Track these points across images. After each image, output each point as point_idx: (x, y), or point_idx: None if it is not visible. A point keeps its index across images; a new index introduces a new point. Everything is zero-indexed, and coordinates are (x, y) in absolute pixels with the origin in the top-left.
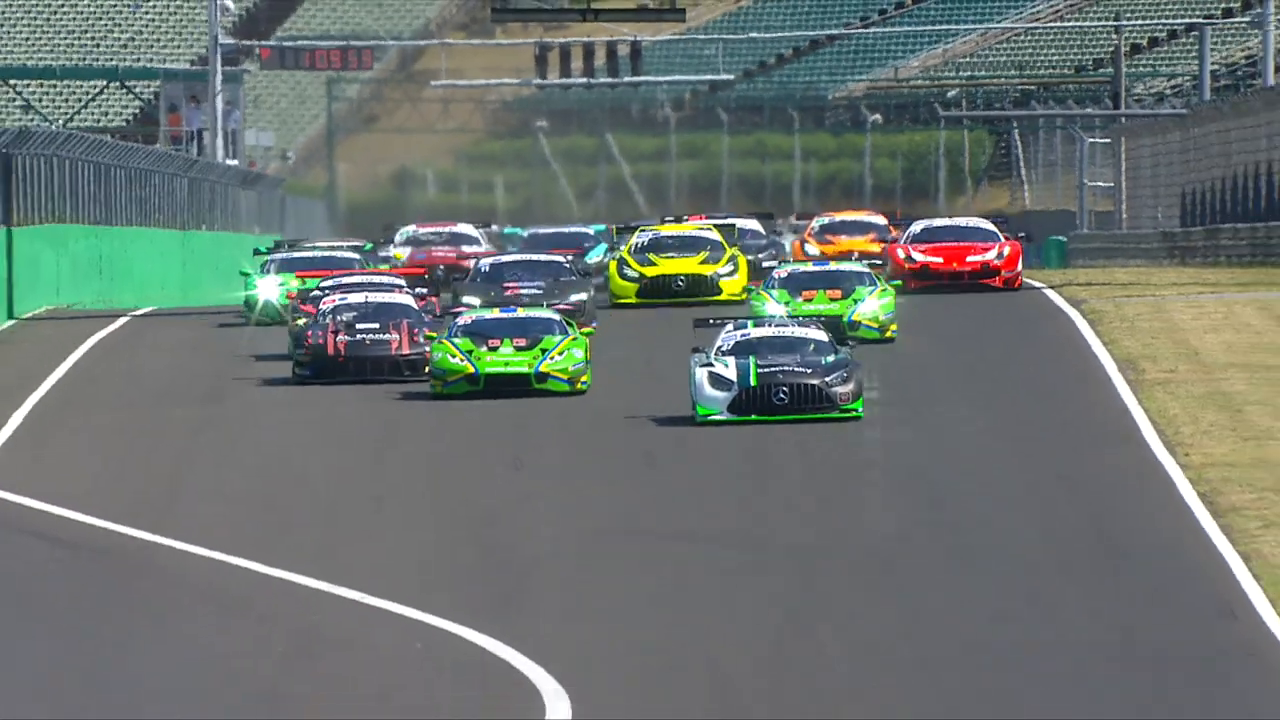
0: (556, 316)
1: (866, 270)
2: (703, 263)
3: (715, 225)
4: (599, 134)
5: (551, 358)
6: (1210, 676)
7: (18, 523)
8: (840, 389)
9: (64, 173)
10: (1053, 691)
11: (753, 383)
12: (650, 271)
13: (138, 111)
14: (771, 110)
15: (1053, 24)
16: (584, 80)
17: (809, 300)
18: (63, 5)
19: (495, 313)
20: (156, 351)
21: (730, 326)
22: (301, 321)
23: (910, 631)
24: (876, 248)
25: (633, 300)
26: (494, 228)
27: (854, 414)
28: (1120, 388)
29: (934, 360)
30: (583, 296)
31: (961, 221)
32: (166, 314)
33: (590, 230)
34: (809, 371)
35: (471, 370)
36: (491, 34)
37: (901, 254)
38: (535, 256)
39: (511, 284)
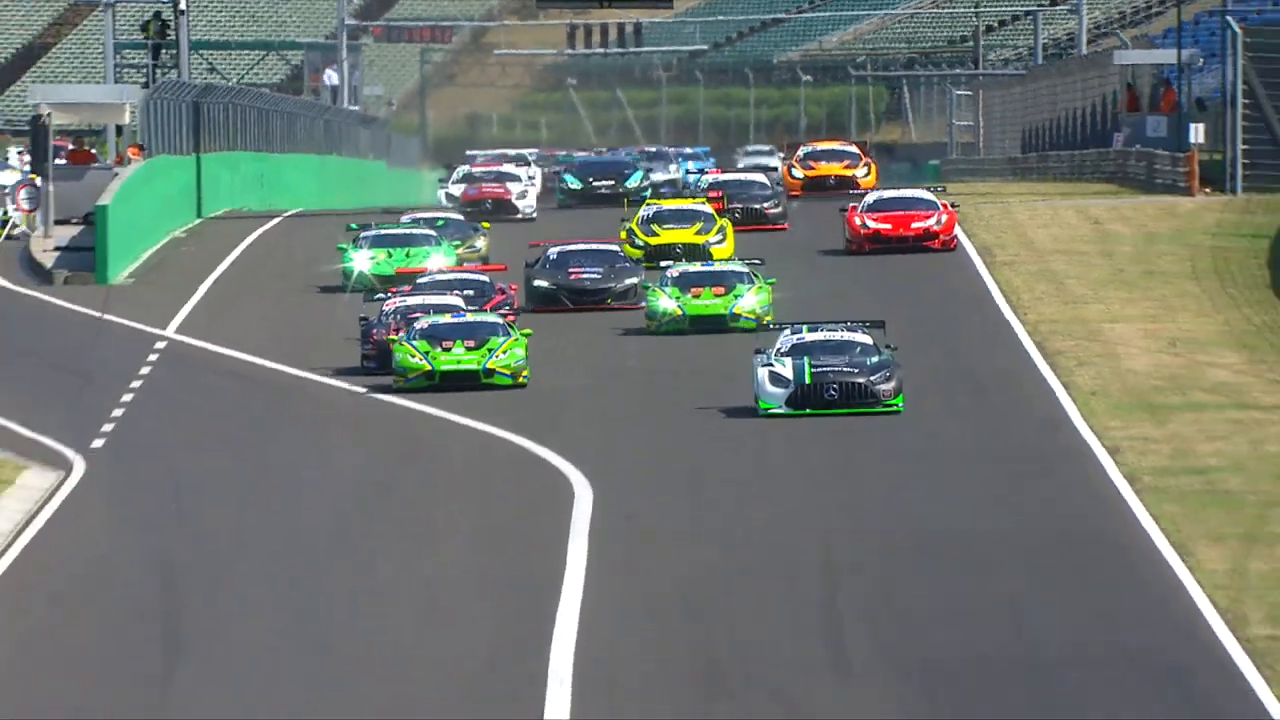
0: (500, 320)
1: (746, 270)
2: (697, 233)
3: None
4: (611, 89)
5: (496, 356)
6: (1041, 470)
7: (204, 362)
8: (884, 386)
9: (236, 115)
10: (910, 478)
11: (808, 380)
12: (654, 240)
13: (289, 73)
14: (733, 71)
15: (932, 10)
16: (601, 50)
17: (697, 296)
18: None
19: (448, 317)
20: (303, 241)
21: (788, 331)
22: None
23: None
24: (849, 173)
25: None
26: (553, 155)
27: (895, 409)
28: (979, 267)
29: (848, 265)
30: (634, 280)
31: (907, 193)
32: (310, 214)
33: (631, 158)
34: (856, 371)
35: (429, 368)
36: (536, 16)
37: (857, 221)
38: (595, 246)
39: (575, 270)
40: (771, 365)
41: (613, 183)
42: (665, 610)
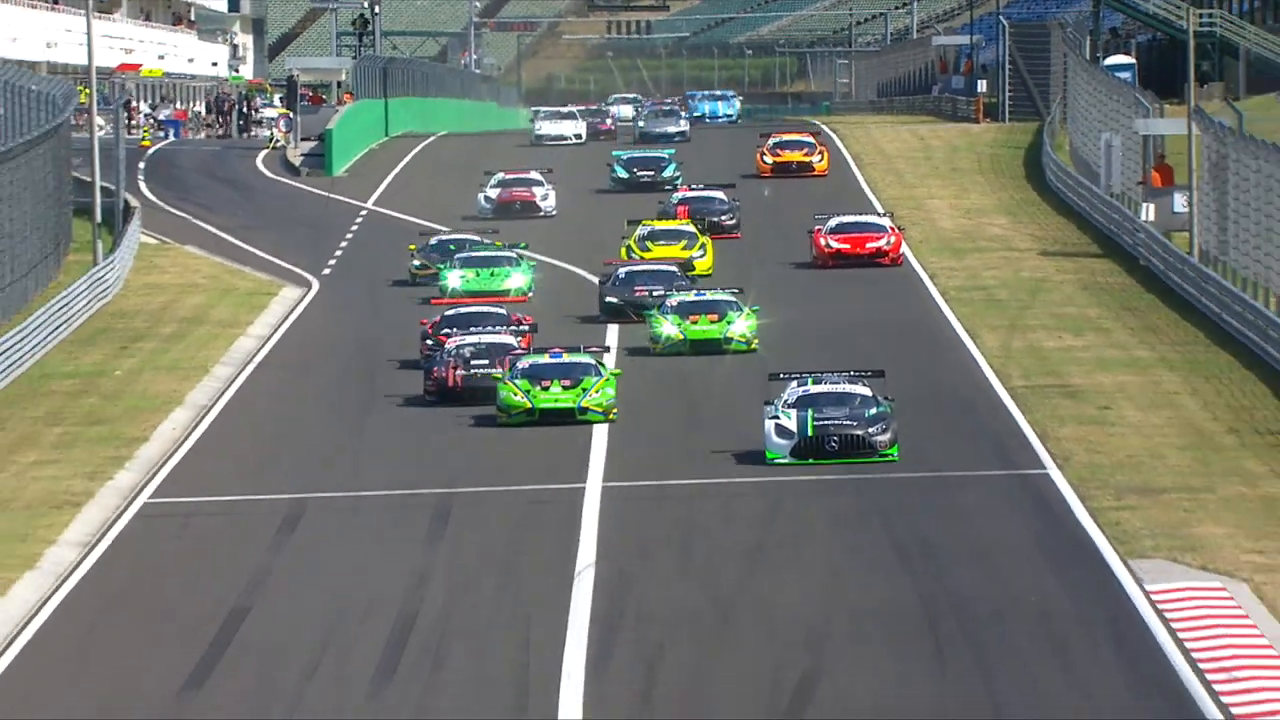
0: (594, 361)
1: (734, 300)
2: (683, 249)
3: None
4: (632, 59)
5: (590, 395)
6: (885, 288)
7: (389, 222)
8: (880, 437)
9: (408, 75)
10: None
11: (810, 433)
12: (648, 256)
13: (440, 50)
14: (705, 49)
15: (826, 11)
16: (626, 35)
17: (695, 323)
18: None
19: (546, 358)
20: (450, 150)
21: (795, 384)
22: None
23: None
24: (808, 159)
25: None
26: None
27: (890, 458)
28: (854, 170)
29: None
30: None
31: (862, 219)
32: (453, 135)
33: (666, 154)
34: (855, 424)
35: (529, 406)
36: (587, 15)
37: (822, 241)
38: (656, 267)
39: (640, 288)
40: (778, 418)
41: (652, 173)
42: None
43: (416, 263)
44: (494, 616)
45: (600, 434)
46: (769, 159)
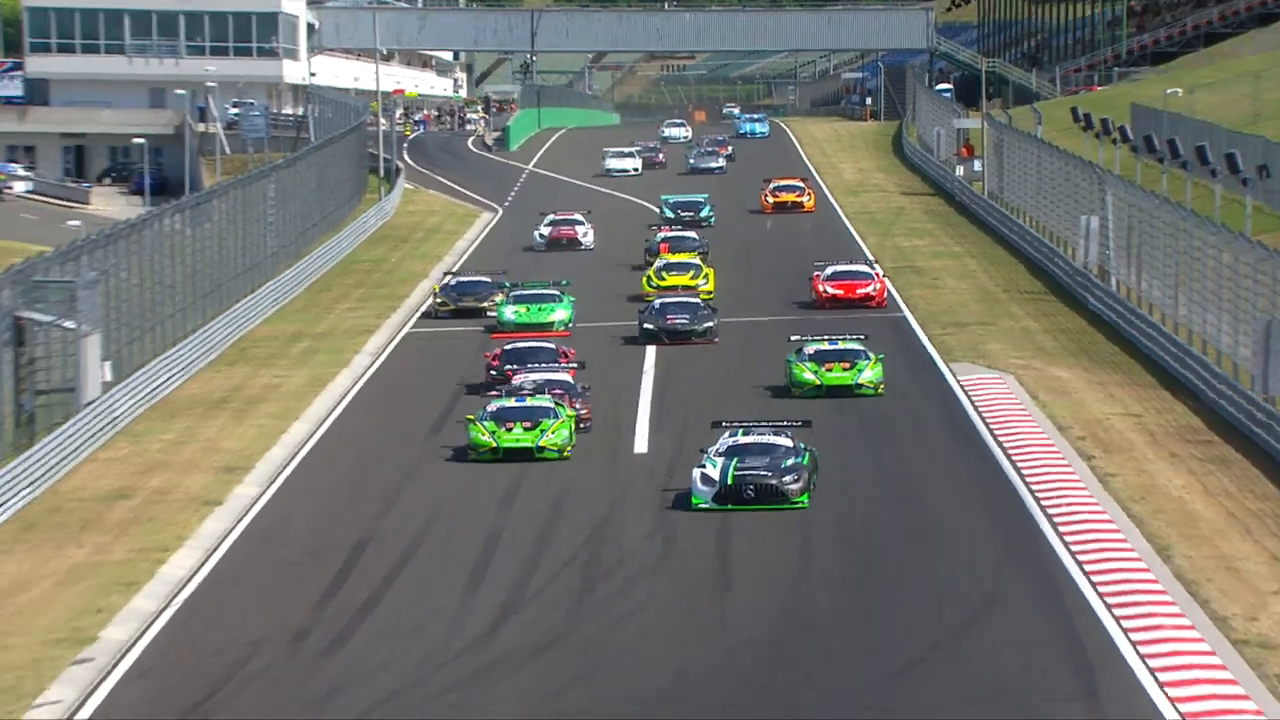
0: (552, 404)
1: (864, 349)
2: (691, 278)
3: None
4: (674, 86)
5: (547, 435)
6: (813, 223)
7: (544, 179)
8: (792, 486)
9: (551, 95)
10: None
11: (729, 481)
12: (663, 284)
13: (569, 80)
14: (716, 79)
15: (784, 60)
16: (671, 72)
17: (829, 370)
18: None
19: (511, 402)
20: (575, 137)
21: (726, 433)
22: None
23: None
24: (800, 199)
25: (652, 297)
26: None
27: (801, 505)
28: (797, 145)
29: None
30: (710, 324)
31: (855, 268)
32: (577, 129)
33: (703, 198)
34: (770, 474)
35: (494, 444)
36: (650, 60)
37: (821, 287)
38: (684, 299)
39: (671, 316)
40: (704, 466)
41: (692, 214)
42: None
43: (439, 300)
44: None
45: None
46: (770, 199)
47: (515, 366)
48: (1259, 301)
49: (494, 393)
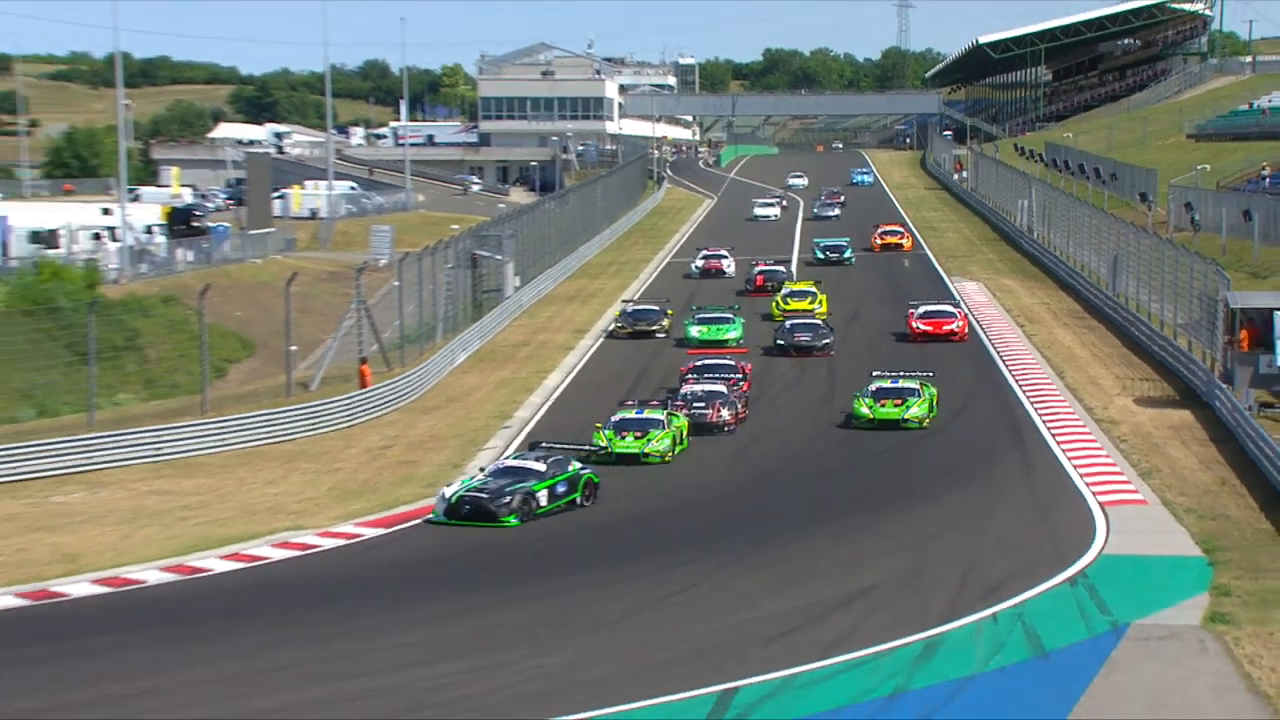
0: (663, 418)
1: (917, 387)
2: (809, 304)
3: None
4: (807, 132)
5: (650, 444)
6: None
7: (739, 184)
8: (501, 506)
9: (741, 137)
10: None
11: (453, 501)
12: (787, 308)
13: (751, 130)
14: (828, 129)
15: (865, 117)
16: (803, 128)
17: (884, 406)
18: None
19: (631, 414)
20: (755, 162)
21: (510, 461)
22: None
23: None
24: (901, 241)
25: (780, 319)
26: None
27: (509, 524)
28: (870, 163)
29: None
30: (828, 341)
31: (942, 307)
32: (758, 156)
33: (845, 241)
34: (486, 496)
35: (609, 450)
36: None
37: (914, 324)
38: (809, 321)
39: (798, 334)
40: (449, 484)
41: (837, 255)
42: None
43: (619, 323)
44: None
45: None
46: (879, 241)
47: (695, 376)
48: (1110, 243)
49: (629, 402)
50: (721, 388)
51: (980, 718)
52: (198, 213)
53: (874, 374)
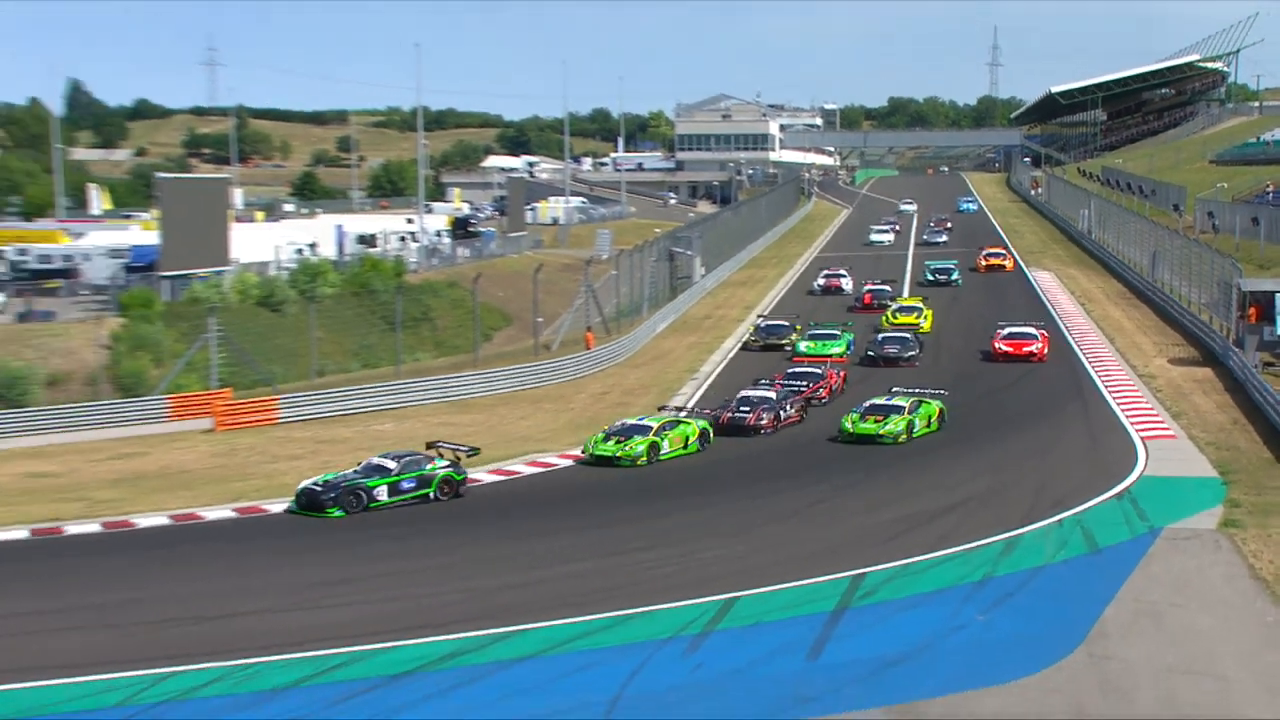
0: (655, 425)
1: (905, 405)
2: (914, 319)
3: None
4: (920, 160)
5: (626, 448)
6: None
7: (869, 199)
8: (328, 499)
9: (869, 162)
10: None
11: (298, 492)
12: (895, 323)
13: (879, 158)
14: (936, 157)
15: (964, 147)
16: (915, 158)
17: (866, 420)
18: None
19: (620, 424)
20: (881, 182)
21: (374, 459)
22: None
23: None
24: (1003, 263)
25: (888, 331)
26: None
27: (333, 515)
28: (969, 184)
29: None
30: (913, 353)
31: (1025, 330)
32: (880, 179)
33: (953, 264)
34: (319, 490)
35: (590, 452)
36: (911, 149)
37: (996, 344)
38: (900, 334)
39: (887, 347)
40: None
41: (946, 275)
42: None
43: (752, 336)
44: None
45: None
46: (984, 262)
47: (783, 381)
48: (1150, 241)
49: (663, 407)
50: (771, 394)
51: (1050, 596)
52: (473, 221)
53: (895, 389)
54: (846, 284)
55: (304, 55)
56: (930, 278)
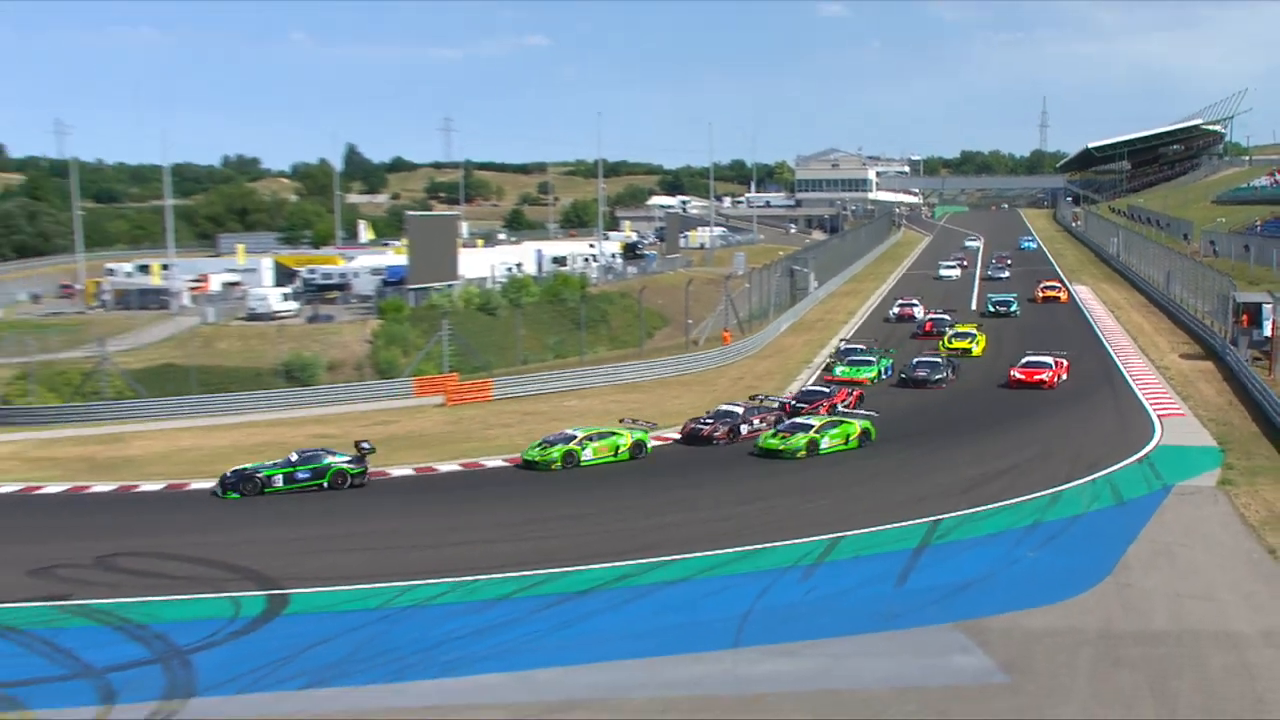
0: (580, 436)
1: (815, 424)
2: (967, 344)
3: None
4: (986, 199)
5: (545, 452)
6: None
7: (947, 230)
8: (228, 486)
9: (946, 200)
10: None
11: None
12: (951, 346)
13: (955, 197)
14: (996, 196)
15: (1021, 190)
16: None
17: (774, 437)
18: None
19: (555, 434)
20: (957, 218)
21: (297, 454)
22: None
23: None
24: (1057, 295)
25: (945, 356)
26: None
27: (230, 497)
28: (1023, 218)
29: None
30: (940, 376)
31: (1041, 359)
32: (956, 215)
33: (1012, 297)
34: (229, 477)
35: (523, 458)
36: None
37: (1012, 372)
38: (932, 359)
39: (918, 370)
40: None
41: (1005, 307)
42: None
43: (833, 359)
44: None
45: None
46: (1041, 294)
47: (794, 402)
48: (1165, 263)
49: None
50: (739, 409)
51: (1085, 538)
52: (639, 246)
53: (842, 406)
54: (918, 312)
55: (513, 121)
56: (991, 309)
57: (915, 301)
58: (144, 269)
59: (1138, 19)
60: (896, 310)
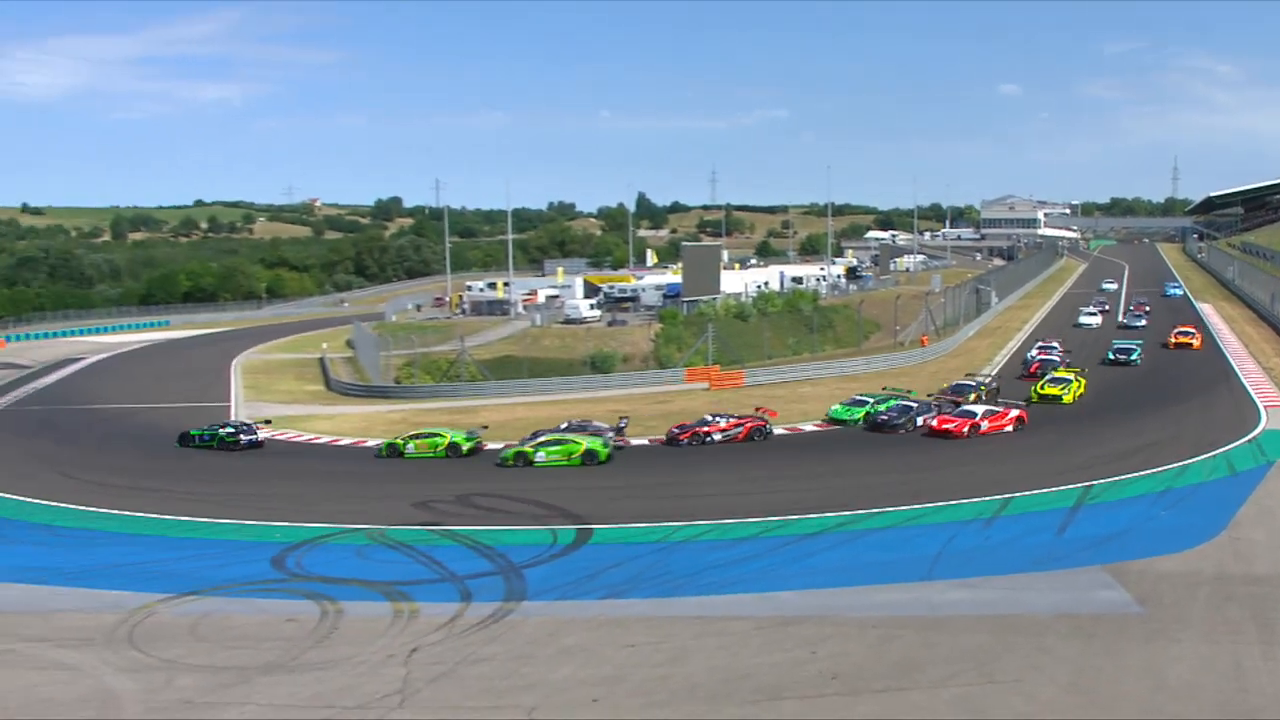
0: (556, 438)
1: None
2: (1059, 389)
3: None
4: (1124, 236)
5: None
6: None
7: (1099, 261)
8: (202, 439)
9: (1098, 235)
10: None
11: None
12: (1043, 392)
13: (1104, 233)
14: (1136, 234)
15: (1153, 226)
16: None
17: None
18: None
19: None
20: (1104, 251)
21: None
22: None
23: None
24: (1190, 341)
25: (1036, 400)
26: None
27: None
28: (1161, 252)
29: None
30: (904, 420)
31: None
32: (1105, 245)
33: (1137, 345)
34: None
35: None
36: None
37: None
38: (906, 404)
39: (881, 415)
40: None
41: (1126, 356)
42: None
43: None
44: None
45: None
46: (1174, 340)
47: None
48: (1271, 286)
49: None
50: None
51: (1206, 501)
52: (858, 269)
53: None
54: (1056, 359)
55: (763, 173)
56: (1112, 356)
57: (1055, 344)
58: (492, 286)
59: (1249, 97)
60: (1034, 352)
